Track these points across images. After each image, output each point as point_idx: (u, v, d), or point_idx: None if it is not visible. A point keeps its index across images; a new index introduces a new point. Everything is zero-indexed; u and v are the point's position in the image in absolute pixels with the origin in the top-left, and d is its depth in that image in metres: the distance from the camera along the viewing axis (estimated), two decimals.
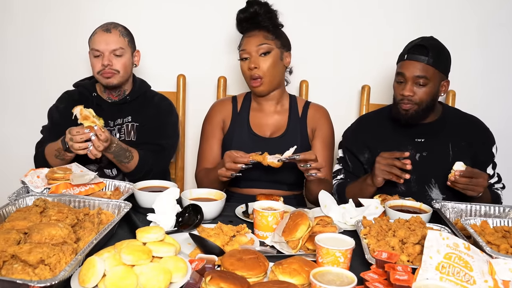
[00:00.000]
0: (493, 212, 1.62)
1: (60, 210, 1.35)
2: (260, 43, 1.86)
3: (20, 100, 2.54)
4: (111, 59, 1.93)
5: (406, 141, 1.90)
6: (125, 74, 1.99)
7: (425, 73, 1.78)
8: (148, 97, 2.10)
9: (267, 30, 1.88)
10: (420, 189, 1.87)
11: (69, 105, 1.95)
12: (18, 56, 2.50)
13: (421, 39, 1.84)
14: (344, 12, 2.41)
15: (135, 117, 2.04)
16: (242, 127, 1.97)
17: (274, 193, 1.86)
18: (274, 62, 1.88)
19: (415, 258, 1.28)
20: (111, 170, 2.01)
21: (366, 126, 2.00)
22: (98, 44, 1.93)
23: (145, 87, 2.12)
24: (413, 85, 1.79)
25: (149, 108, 2.06)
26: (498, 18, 2.36)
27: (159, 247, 1.20)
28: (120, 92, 2.04)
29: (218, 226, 1.44)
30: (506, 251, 1.29)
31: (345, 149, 2.00)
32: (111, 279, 1.09)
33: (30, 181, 1.62)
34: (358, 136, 1.98)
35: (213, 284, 1.09)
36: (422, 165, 1.86)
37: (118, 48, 1.93)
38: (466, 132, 1.92)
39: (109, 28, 1.95)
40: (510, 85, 2.42)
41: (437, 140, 1.89)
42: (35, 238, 1.18)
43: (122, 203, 1.47)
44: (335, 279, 1.09)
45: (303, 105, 2.01)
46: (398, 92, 1.83)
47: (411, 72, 1.78)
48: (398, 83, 1.84)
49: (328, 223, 1.51)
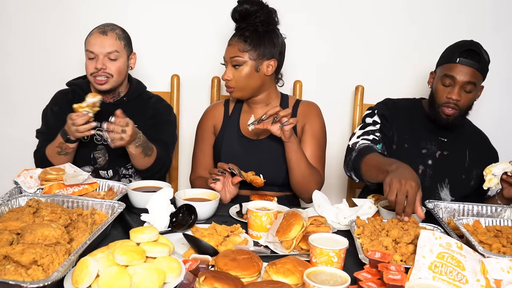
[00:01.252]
0: (486, 212, 1.64)
1: (53, 210, 1.34)
2: (233, 55, 1.87)
3: (13, 100, 2.53)
4: (105, 63, 1.90)
5: (431, 136, 1.90)
6: (119, 78, 1.95)
7: (475, 79, 1.75)
8: (145, 99, 2.08)
9: (244, 40, 1.87)
10: (432, 186, 1.89)
11: (64, 105, 1.95)
12: (11, 56, 2.49)
13: (470, 43, 1.79)
14: (339, 13, 2.42)
15: (134, 120, 1.97)
16: (231, 130, 1.98)
17: (266, 193, 1.87)
18: (246, 74, 1.88)
19: (408, 258, 1.28)
20: (107, 172, 2.00)
21: (399, 108, 1.94)
22: (93, 46, 1.89)
23: (141, 88, 2.10)
24: (461, 90, 1.76)
25: (147, 110, 2.04)
26: (492, 21, 2.38)
27: (153, 248, 1.20)
28: (115, 94, 2.02)
29: (212, 226, 1.44)
30: (498, 251, 1.30)
31: (382, 117, 1.90)
32: (104, 279, 1.09)
33: (23, 181, 1.61)
34: (394, 112, 1.92)
35: (207, 284, 1.09)
36: (441, 163, 1.88)
37: (113, 51, 1.90)
38: (480, 144, 1.95)
39: (106, 30, 1.91)
40: (502, 87, 2.45)
41: (458, 144, 1.91)
42: (28, 239, 1.18)
43: (115, 203, 1.47)
44: (329, 279, 1.09)
45: (293, 103, 2.01)
46: (444, 95, 1.78)
47: (463, 77, 1.74)
48: (444, 86, 1.79)
49: (322, 223, 1.52)
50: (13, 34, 2.46)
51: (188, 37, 2.44)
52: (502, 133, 2.42)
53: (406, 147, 1.89)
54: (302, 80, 2.38)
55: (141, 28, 2.41)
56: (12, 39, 2.47)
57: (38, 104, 2.11)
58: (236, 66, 1.87)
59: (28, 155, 2.25)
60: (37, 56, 2.48)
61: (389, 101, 1.99)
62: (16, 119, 2.54)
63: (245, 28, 1.87)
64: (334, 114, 2.18)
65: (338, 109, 2.42)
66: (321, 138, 1.96)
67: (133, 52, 2.03)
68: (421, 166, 1.89)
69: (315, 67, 2.45)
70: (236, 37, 1.88)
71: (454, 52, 1.78)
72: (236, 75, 1.88)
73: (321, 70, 2.46)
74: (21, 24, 2.45)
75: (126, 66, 1.98)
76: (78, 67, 2.33)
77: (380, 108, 1.94)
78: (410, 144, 1.88)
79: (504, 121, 2.48)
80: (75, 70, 2.29)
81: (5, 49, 2.48)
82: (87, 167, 1.97)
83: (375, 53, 2.42)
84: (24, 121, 2.50)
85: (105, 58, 1.89)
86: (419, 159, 1.89)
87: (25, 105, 2.50)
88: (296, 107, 1.99)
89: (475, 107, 2.36)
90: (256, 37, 1.87)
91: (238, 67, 1.87)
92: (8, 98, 2.53)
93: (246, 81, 1.89)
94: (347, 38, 2.43)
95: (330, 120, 2.07)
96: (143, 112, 2.03)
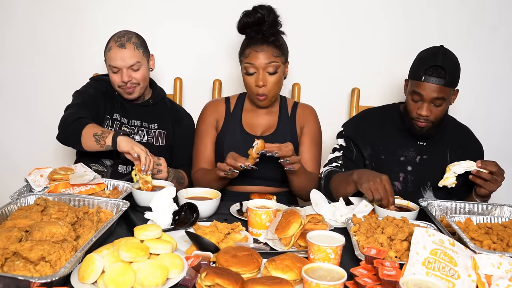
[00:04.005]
0: (477, 209, 1.66)
1: (60, 208, 1.35)
2: (269, 61, 1.83)
3: (21, 99, 2.54)
4: (130, 74, 1.93)
5: (409, 142, 1.91)
6: (145, 84, 2.00)
7: (443, 94, 1.74)
8: (168, 105, 2.13)
9: (274, 45, 1.84)
10: (415, 191, 1.90)
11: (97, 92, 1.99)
12: (24, 58, 2.50)
13: (435, 56, 1.74)
14: (336, 17, 2.43)
15: (162, 124, 2.06)
16: (234, 126, 2.00)
17: (266, 190, 1.90)
18: (279, 79, 1.89)
19: (403, 254, 1.30)
20: (126, 167, 2.00)
21: (370, 121, 1.97)
22: (115, 61, 1.91)
23: (163, 93, 2.15)
24: (430, 105, 1.77)
25: (169, 115, 2.10)
26: (491, 21, 2.39)
27: (156, 244, 1.21)
28: (139, 99, 2.06)
29: (213, 224, 1.45)
30: (488, 247, 1.32)
31: (348, 138, 1.96)
32: (109, 275, 1.11)
33: (33, 179, 1.62)
34: (362, 129, 1.95)
35: (208, 280, 1.10)
36: (421, 168, 1.89)
37: (135, 63, 1.92)
38: (462, 141, 1.94)
39: (123, 43, 1.91)
40: (493, 87, 2.46)
41: (437, 145, 1.91)
42: (36, 236, 1.19)
43: (120, 201, 1.49)
44: (326, 275, 1.10)
45: (292, 105, 2.04)
46: (414, 111, 1.80)
47: (429, 94, 1.74)
48: (413, 101, 1.80)
49: (320, 220, 1.53)
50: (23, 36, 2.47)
51: (191, 41, 2.45)
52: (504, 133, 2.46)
53: (383, 158, 1.91)
54: (300, 83, 2.40)
55: (145, 32, 2.40)
56: (22, 40, 2.48)
57: (47, 104, 2.13)
58: (271, 73, 1.85)
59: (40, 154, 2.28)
60: (51, 58, 2.49)
61: (359, 117, 2.01)
62: (25, 118, 2.55)
63: (266, 32, 1.84)
64: (331, 116, 2.20)
65: (334, 111, 2.43)
66: (318, 140, 2.02)
67: (151, 54, 2.04)
68: (401, 174, 1.90)
69: (313, 70, 2.46)
70: (265, 43, 1.84)
71: (420, 68, 1.76)
72: (271, 81, 1.86)
73: (318, 73, 2.47)
74: (26, 25, 2.46)
75: (148, 70, 2.02)
76: (88, 68, 2.35)
77: (347, 129, 1.99)
78: (387, 155, 1.89)
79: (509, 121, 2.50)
80: (86, 71, 2.32)
81: (17, 51, 2.49)
82: (108, 160, 1.98)
83: (371, 56, 2.43)
84: (33, 120, 2.52)
85: (128, 70, 1.92)
86: (398, 167, 1.89)
87: (34, 105, 2.52)
88: (295, 110, 2.03)
89: (477, 106, 2.40)
90: (282, 41, 1.88)
91: (274, 73, 1.85)
92: (16, 98, 2.54)
93: (278, 87, 1.90)
94: (343, 41, 2.44)
95: (326, 122, 2.09)
96: (167, 116, 2.09)
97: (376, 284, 1.13)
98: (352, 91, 2.39)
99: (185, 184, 1.99)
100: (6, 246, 1.15)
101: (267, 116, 2.02)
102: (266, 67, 1.85)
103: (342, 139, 1.99)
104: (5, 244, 1.15)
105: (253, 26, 1.87)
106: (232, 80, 2.44)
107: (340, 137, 2.00)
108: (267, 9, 1.86)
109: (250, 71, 1.87)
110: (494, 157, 1.83)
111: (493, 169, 1.68)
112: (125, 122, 2.03)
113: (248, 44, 1.88)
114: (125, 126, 2.02)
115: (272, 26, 1.87)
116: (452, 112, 2.08)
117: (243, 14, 1.89)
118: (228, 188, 2.02)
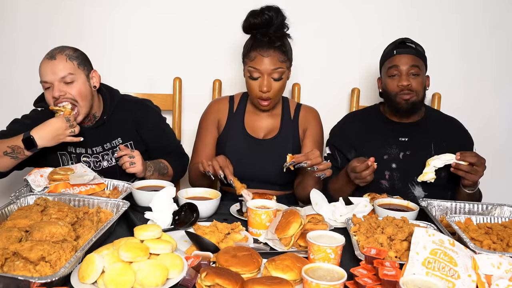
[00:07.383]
0: (477, 209, 1.66)
1: (60, 209, 1.36)
2: (275, 67, 1.80)
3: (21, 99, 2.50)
4: (62, 88, 1.72)
5: (390, 139, 1.94)
6: (84, 102, 1.76)
7: (417, 62, 1.86)
8: (124, 110, 1.91)
9: (281, 50, 1.81)
10: (403, 186, 1.91)
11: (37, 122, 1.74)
12: (19, 57, 2.49)
13: (401, 39, 1.93)
14: (336, 17, 2.44)
15: (125, 136, 1.89)
16: (237, 128, 1.99)
17: (266, 192, 1.90)
18: (283, 84, 1.88)
19: (403, 254, 1.30)
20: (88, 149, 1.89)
21: (352, 124, 2.03)
22: (45, 75, 1.71)
23: (116, 97, 1.92)
24: (408, 76, 1.85)
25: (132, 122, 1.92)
26: (482, 23, 2.41)
27: (156, 245, 1.22)
28: (90, 118, 1.85)
29: (213, 224, 1.46)
30: (488, 247, 1.32)
31: (332, 146, 2.02)
32: (109, 275, 1.11)
33: (32, 179, 1.63)
34: (345, 134, 2.00)
35: (208, 280, 1.10)
36: (405, 163, 1.90)
37: (66, 74, 1.71)
38: (447, 133, 1.95)
39: (54, 54, 1.73)
40: (491, 87, 2.47)
41: (420, 139, 1.93)
42: (36, 236, 1.19)
43: (120, 202, 1.49)
44: (326, 275, 1.11)
45: (294, 107, 2.04)
46: (395, 85, 1.87)
47: (405, 63, 1.86)
48: (391, 78, 1.88)
49: (319, 220, 1.53)
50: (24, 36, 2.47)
51: (190, 41, 2.46)
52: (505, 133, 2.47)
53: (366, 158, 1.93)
54: (301, 83, 2.41)
55: (145, 32, 2.43)
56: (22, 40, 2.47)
57: None
58: (276, 79, 1.83)
59: None
60: None
61: (343, 122, 2.06)
62: None
63: (273, 35, 1.80)
64: (331, 116, 2.20)
65: (334, 111, 2.42)
66: (321, 142, 2.03)
67: (93, 70, 1.83)
68: (386, 172, 1.92)
69: (313, 70, 2.47)
70: (272, 47, 1.80)
71: (391, 49, 1.92)
72: (276, 87, 1.85)
73: (318, 73, 2.47)
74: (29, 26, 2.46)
75: (89, 87, 1.79)
76: None
77: (331, 136, 2.06)
78: (370, 155, 1.87)
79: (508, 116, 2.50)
80: None
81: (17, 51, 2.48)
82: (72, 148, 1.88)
83: (371, 56, 2.44)
84: None
85: (60, 84, 1.72)
86: (383, 166, 1.90)
87: None
88: (297, 112, 2.03)
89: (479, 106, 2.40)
90: (288, 46, 1.86)
91: (279, 80, 1.83)
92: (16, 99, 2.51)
93: (281, 91, 1.90)
94: (344, 41, 2.45)
95: (327, 122, 2.09)
96: (127, 124, 1.91)
97: (376, 284, 1.13)
98: (352, 91, 2.40)
99: (169, 174, 1.93)
100: (6, 246, 1.15)
101: (270, 118, 2.02)
102: (271, 73, 1.82)
103: (328, 147, 2.05)
104: (5, 244, 1.16)
105: (260, 28, 1.83)
106: (232, 80, 2.44)
107: (327, 145, 2.06)
108: (275, 10, 1.82)
109: (254, 76, 1.85)
110: (494, 157, 1.83)
111: (472, 160, 1.69)
112: (83, 152, 1.87)
113: (253, 46, 1.84)
114: (84, 156, 1.85)
115: (279, 28, 1.84)
116: (452, 112, 2.09)
117: (250, 14, 1.84)
118: (227, 189, 2.02)
